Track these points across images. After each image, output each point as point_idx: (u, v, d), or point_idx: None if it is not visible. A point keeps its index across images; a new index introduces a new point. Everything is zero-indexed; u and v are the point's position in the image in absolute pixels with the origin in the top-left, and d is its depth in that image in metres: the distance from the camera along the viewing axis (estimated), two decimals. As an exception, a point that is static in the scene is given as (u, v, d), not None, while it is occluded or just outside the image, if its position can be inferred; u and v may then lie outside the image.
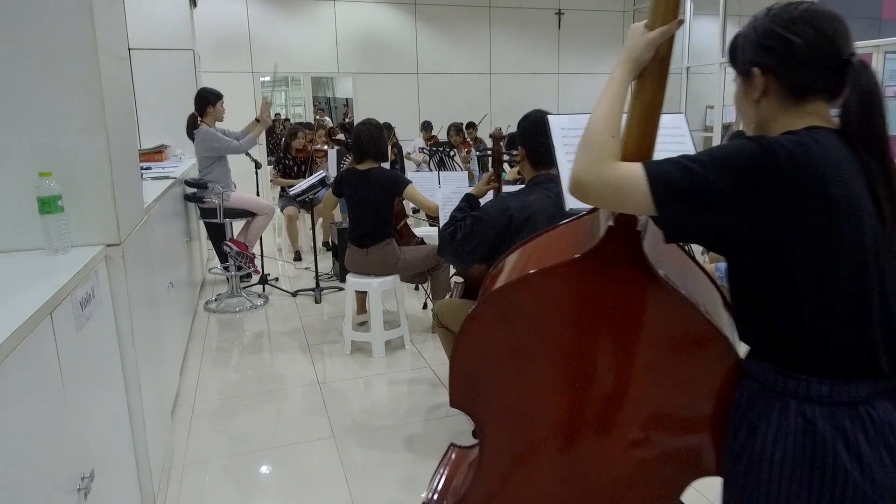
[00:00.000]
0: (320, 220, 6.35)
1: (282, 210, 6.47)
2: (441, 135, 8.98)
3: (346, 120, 14.35)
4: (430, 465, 2.52)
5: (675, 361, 1.16)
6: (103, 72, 1.95)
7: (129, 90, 2.47)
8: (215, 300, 4.98)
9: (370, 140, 3.77)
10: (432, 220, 5.68)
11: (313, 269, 5.28)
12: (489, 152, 2.63)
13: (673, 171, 1.04)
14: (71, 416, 1.51)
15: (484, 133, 9.13)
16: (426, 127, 9.17)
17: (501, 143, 2.57)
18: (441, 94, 10.24)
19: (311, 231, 7.04)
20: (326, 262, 6.06)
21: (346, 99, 15.41)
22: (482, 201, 2.70)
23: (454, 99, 10.24)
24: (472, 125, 8.26)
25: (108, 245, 2.02)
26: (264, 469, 2.67)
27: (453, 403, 1.27)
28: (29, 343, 1.29)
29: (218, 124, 4.85)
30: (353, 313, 3.99)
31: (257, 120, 5.08)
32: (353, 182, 3.81)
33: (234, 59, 9.14)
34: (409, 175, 4.27)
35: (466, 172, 5.01)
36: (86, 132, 1.93)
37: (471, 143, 7.43)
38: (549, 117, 1.91)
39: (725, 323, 1.23)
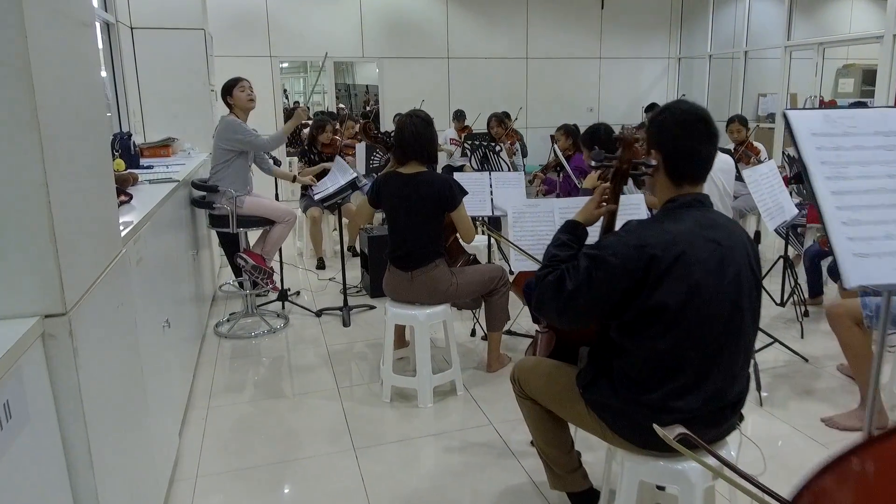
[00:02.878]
0: (346, 220, 5.62)
1: (304, 211, 5.75)
2: (475, 125, 8.20)
3: (368, 108, 13.58)
4: None
5: None
6: (34, 40, 1.21)
7: (94, 72, 1.72)
8: (227, 321, 4.28)
9: (415, 137, 3.01)
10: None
11: (339, 280, 4.56)
12: (608, 161, 1.81)
13: None
14: None
15: (518, 125, 8.33)
16: (458, 116, 8.41)
17: (629, 149, 1.77)
18: (473, 81, 9.44)
19: (335, 233, 6.33)
20: (354, 272, 5.32)
21: (367, 86, 14.65)
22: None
23: (488, 86, 9.43)
24: (507, 116, 7.46)
25: (47, 316, 1.29)
26: None
27: None
28: None
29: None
30: (391, 348, 3.25)
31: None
32: (394, 189, 3.05)
33: (250, 41, 8.40)
34: (443, 171, 3.50)
35: (522, 173, 4.25)
36: (2, 138, 1.19)
37: (514, 134, 6.62)
38: (791, 115, 1.16)
39: None
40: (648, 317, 1.64)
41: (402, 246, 3.09)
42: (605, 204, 1.92)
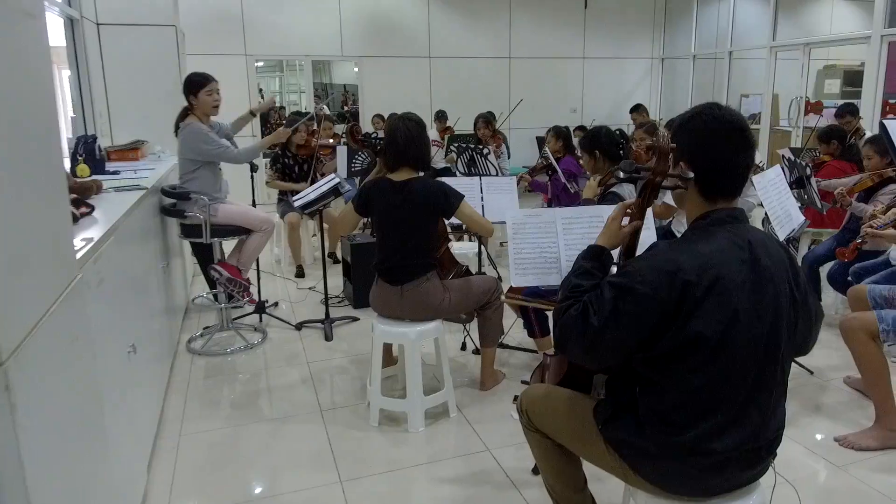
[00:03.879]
0: (326, 226, 5.38)
1: (281, 216, 5.50)
2: (458, 126, 8.01)
3: (346, 108, 13.28)
4: None
5: None
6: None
7: (42, 69, 1.48)
8: (201, 336, 4.02)
9: (408, 142, 2.80)
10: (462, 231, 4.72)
11: (320, 289, 4.32)
12: (636, 172, 1.58)
13: None
14: None
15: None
16: (440, 117, 8.22)
17: (663, 157, 1.54)
18: (456, 81, 9.24)
19: (314, 239, 6.09)
20: (335, 279, 5.09)
21: (345, 85, 14.36)
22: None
23: (470, 86, 9.24)
24: (493, 116, 7.26)
25: (-26, 369, 1.05)
26: None
27: None
28: None
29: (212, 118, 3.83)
30: (378, 369, 3.03)
31: (251, 113, 4.08)
32: (384, 197, 2.84)
33: (224, 39, 8.10)
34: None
35: (514, 177, 4.07)
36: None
37: (502, 136, 6.41)
38: (891, 125, 0.96)
39: None
40: (682, 349, 1.45)
41: (391, 258, 2.88)
42: (631, 220, 1.72)
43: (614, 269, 1.68)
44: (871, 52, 6.87)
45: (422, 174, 2.89)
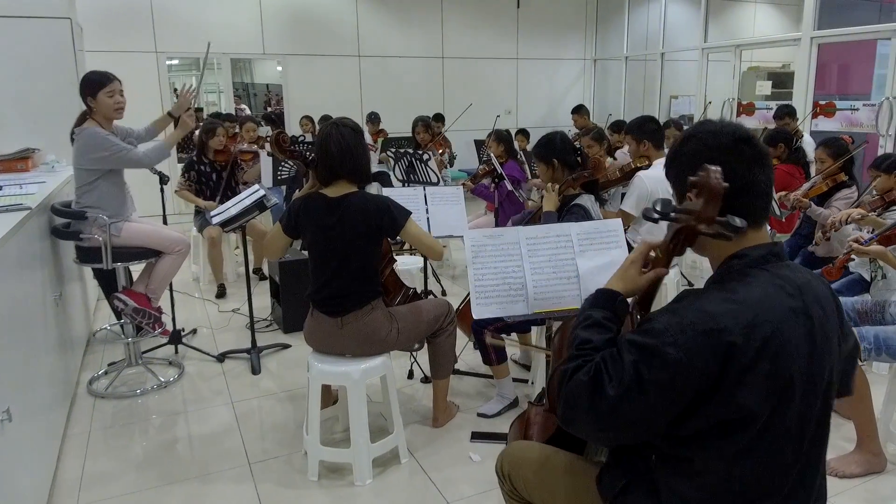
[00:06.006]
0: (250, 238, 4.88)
1: (200, 231, 4.95)
2: (389, 128, 7.64)
3: (270, 109, 12.62)
4: None
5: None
6: None
7: None
8: (105, 374, 3.47)
9: (345, 152, 2.40)
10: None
11: (244, 312, 3.85)
12: (676, 214, 1.20)
13: None
14: None
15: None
16: (373, 119, 7.82)
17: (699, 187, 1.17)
18: (387, 81, 8.84)
19: (237, 251, 5.57)
20: (262, 298, 4.60)
21: (268, 85, 13.69)
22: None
23: (402, 86, 8.87)
24: (439, 119, 6.93)
25: None
26: None
27: None
28: None
29: (117, 123, 3.26)
30: (316, 414, 2.61)
31: (170, 115, 3.54)
32: (317, 216, 2.43)
33: (131, 35, 7.40)
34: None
35: (461, 187, 3.73)
36: None
37: (445, 143, 6.05)
38: None
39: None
40: (723, 428, 1.13)
41: (328, 285, 2.48)
42: (656, 265, 1.37)
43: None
44: (801, 53, 6.93)
45: (360, 188, 2.50)
